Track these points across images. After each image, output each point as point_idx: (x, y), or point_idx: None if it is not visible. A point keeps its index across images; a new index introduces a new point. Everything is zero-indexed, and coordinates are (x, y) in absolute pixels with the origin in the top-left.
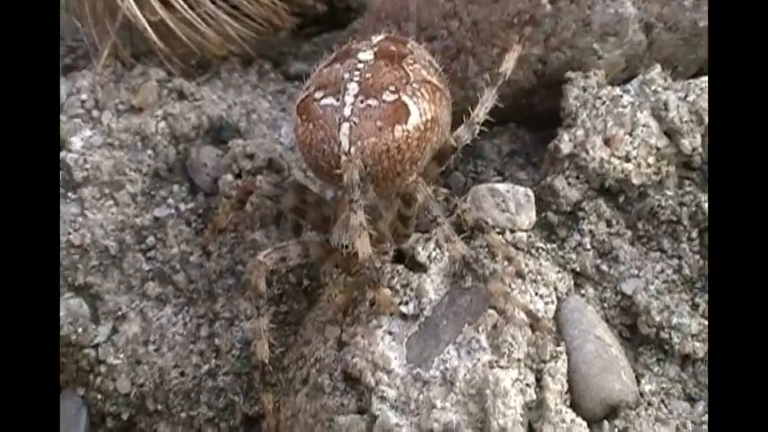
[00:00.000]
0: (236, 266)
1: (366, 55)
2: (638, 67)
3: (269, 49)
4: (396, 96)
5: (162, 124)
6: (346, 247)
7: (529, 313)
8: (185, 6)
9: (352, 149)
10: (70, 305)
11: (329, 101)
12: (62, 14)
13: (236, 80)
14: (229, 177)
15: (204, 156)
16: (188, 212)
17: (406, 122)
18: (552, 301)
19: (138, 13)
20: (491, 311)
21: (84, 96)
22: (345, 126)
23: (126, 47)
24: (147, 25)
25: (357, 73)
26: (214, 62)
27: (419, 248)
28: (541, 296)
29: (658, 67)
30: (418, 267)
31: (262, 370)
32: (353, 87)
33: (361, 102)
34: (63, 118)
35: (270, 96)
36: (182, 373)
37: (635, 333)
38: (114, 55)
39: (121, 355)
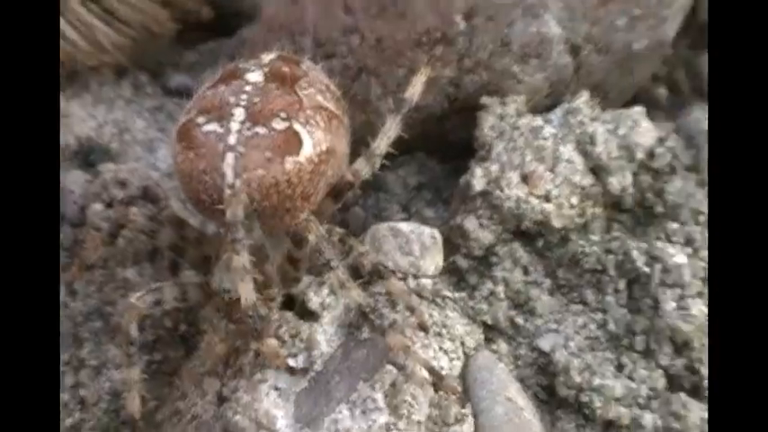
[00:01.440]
0: (105, 307)
1: (255, 76)
2: (563, 93)
3: (146, 58)
4: (287, 124)
5: None
6: (228, 291)
7: (431, 370)
8: None
9: (237, 182)
10: None
11: (213, 127)
12: None
13: (107, 94)
14: (99, 206)
15: (71, 181)
16: None
17: (297, 154)
18: (459, 357)
19: None
20: (389, 367)
21: None
22: (230, 156)
23: None
24: None
25: (244, 96)
26: (83, 73)
27: (311, 294)
28: (446, 351)
29: (586, 95)
30: (309, 316)
31: (132, 426)
32: (240, 113)
33: (249, 129)
34: None
35: (146, 113)
36: None
37: (552, 395)
38: None
39: None
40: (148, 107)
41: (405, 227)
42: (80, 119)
